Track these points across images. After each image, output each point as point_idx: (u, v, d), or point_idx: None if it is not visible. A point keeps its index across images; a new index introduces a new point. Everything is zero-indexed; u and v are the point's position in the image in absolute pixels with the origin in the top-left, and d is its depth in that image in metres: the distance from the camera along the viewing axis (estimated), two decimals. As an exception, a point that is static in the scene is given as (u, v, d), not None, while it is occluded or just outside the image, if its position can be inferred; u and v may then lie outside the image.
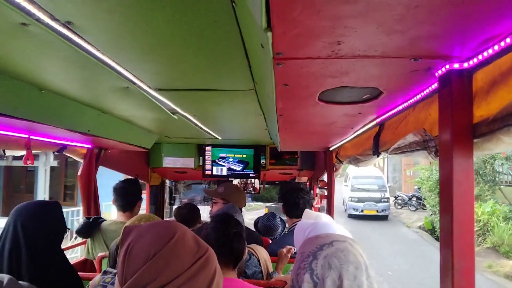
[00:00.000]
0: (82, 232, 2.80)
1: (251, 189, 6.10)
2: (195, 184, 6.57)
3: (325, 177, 4.12)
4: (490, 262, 10.75)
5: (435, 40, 0.93)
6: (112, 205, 3.01)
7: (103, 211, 2.00)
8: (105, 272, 1.59)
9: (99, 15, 1.10)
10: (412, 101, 1.47)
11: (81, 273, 2.08)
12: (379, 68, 1.13)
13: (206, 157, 4.66)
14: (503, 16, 0.78)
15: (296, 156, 4.73)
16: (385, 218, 18.86)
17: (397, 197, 21.68)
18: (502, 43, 0.90)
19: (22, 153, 2.42)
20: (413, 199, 20.59)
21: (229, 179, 5.12)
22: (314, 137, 2.84)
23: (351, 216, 19.20)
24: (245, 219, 2.52)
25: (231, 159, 4.69)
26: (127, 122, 2.91)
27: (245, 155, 4.68)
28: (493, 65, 1.01)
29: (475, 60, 1.03)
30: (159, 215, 5.10)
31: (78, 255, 7.65)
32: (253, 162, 4.68)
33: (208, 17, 1.11)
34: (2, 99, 1.68)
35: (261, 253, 2.65)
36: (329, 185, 3.77)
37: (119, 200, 2.87)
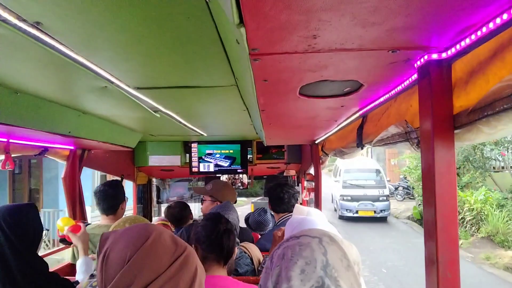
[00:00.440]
0: (64, 240, 2.75)
1: (239, 184, 6.10)
2: (182, 182, 6.54)
3: (312, 170, 4.12)
4: (487, 254, 10.30)
5: (412, 31, 0.91)
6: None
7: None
8: (92, 276, 1.57)
9: (69, 15, 1.06)
10: (393, 92, 1.46)
11: (68, 277, 2.05)
12: (357, 61, 1.11)
13: (193, 154, 4.62)
14: (478, 5, 0.77)
15: (283, 149, 4.73)
16: (383, 220, 15.89)
17: None
18: (479, 33, 0.89)
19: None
20: (399, 188, 20.14)
21: (217, 175, 5.09)
22: (299, 130, 2.83)
23: (343, 218, 16.14)
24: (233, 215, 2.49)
25: (218, 155, 4.67)
26: (109, 122, 2.86)
27: (231, 151, 4.66)
28: (471, 54, 1.00)
29: (453, 50, 1.02)
30: (146, 214, 5.06)
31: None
32: (240, 158, 4.65)
33: (182, 13, 1.08)
34: None
35: (253, 251, 2.64)
36: (316, 178, 3.77)
37: (101, 204, 2.79)
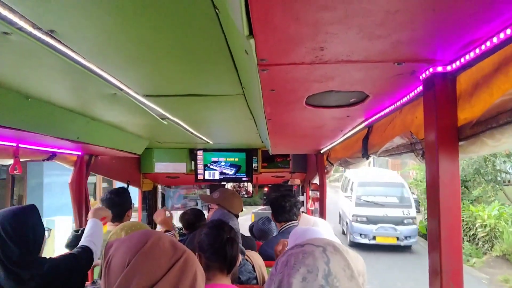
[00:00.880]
0: (72, 246, 2.75)
1: (244, 192, 6.11)
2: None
3: (317, 179, 4.13)
4: (505, 275, 9.14)
5: (417, 44, 0.93)
6: (56, 220, 2.99)
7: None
8: (94, 283, 1.58)
9: (82, 23, 1.09)
10: (398, 104, 1.48)
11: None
12: (363, 73, 1.13)
13: (198, 161, 4.64)
14: (482, 20, 0.79)
15: (288, 158, 4.73)
16: (408, 248, 12.02)
17: None
18: (483, 47, 0.91)
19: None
20: None
21: (222, 183, 5.11)
22: (304, 140, 2.84)
23: (355, 244, 11.81)
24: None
25: (223, 163, 4.68)
26: (117, 128, 2.89)
27: (237, 159, 4.68)
28: (476, 68, 1.02)
29: (457, 63, 1.04)
30: (151, 220, 5.07)
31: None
32: (245, 166, 4.67)
33: (192, 24, 1.11)
34: None
35: (255, 259, 2.64)
36: (321, 187, 3.78)
37: None
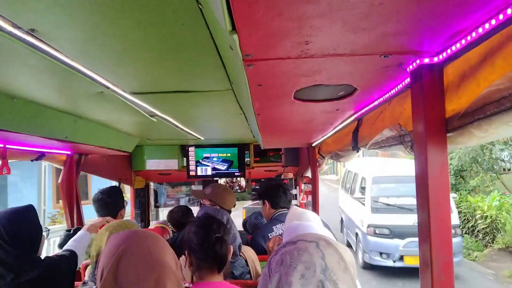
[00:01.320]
0: (64, 245, 2.76)
1: (237, 187, 6.10)
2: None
3: (309, 172, 4.13)
4: (511, 270, 8.55)
5: (403, 36, 0.93)
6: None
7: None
8: (84, 283, 1.57)
9: (63, 22, 1.07)
10: (386, 96, 1.48)
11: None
12: (350, 66, 1.12)
13: (190, 157, 4.62)
14: (467, 11, 0.78)
15: (280, 152, 4.73)
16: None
17: None
18: (469, 37, 0.90)
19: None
20: None
21: (215, 178, 5.10)
22: (295, 134, 2.84)
23: (371, 267, 8.42)
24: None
25: (215, 159, 4.67)
26: (106, 126, 2.86)
27: (229, 154, 4.66)
28: (463, 59, 1.02)
29: (444, 54, 1.03)
30: (144, 218, 5.06)
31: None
32: (238, 161, 4.66)
33: (176, 19, 1.09)
34: None
35: (248, 253, 2.64)
36: (313, 181, 3.78)
37: (100, 212, 2.86)
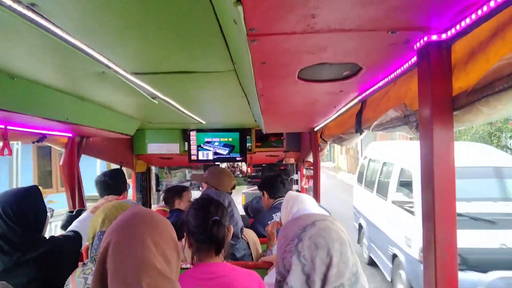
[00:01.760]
0: (66, 227, 2.77)
1: (238, 172, 6.11)
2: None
3: (311, 157, 4.13)
4: None
5: (411, 10, 0.90)
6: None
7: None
8: (85, 264, 1.57)
9: None
10: (392, 76, 1.45)
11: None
12: (356, 42, 1.10)
13: (191, 142, 4.61)
14: (479, -19, 0.76)
15: (282, 137, 4.72)
16: None
17: None
18: (479, 12, 0.88)
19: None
20: None
21: (216, 163, 5.10)
22: (297, 117, 2.82)
23: None
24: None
25: (216, 143, 4.66)
26: (107, 108, 2.85)
27: (230, 139, 4.66)
28: (471, 35, 1.00)
29: (453, 30, 1.01)
30: (146, 202, 5.08)
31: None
32: (239, 146, 4.65)
33: None
34: None
35: (250, 235, 2.66)
36: (315, 165, 3.78)
37: (102, 194, 2.88)
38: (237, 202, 2.64)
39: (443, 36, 1.06)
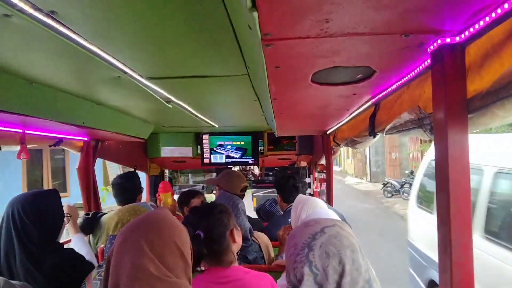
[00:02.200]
0: (83, 229, 2.81)
1: (250, 175, 6.13)
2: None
3: (323, 160, 4.12)
4: None
5: (425, 14, 0.91)
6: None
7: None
8: (100, 266, 1.60)
9: (83, 3, 1.07)
10: (406, 79, 1.45)
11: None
12: (370, 46, 1.11)
13: (204, 145, 4.64)
14: (493, -15, 0.76)
15: (294, 141, 4.72)
16: None
17: (386, 184, 17.94)
18: (493, 14, 0.88)
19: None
20: (405, 186, 16.50)
21: (228, 166, 5.13)
22: (310, 120, 2.83)
23: None
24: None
25: (229, 147, 4.68)
26: (122, 112, 2.89)
27: (243, 142, 4.67)
28: (485, 37, 1.00)
29: (466, 33, 1.01)
30: (158, 205, 5.11)
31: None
32: (251, 149, 4.67)
33: (195, 1, 1.08)
34: None
35: (262, 238, 2.66)
36: (328, 169, 3.77)
37: (118, 197, 2.93)
38: (248, 205, 2.64)
39: (457, 39, 1.06)
